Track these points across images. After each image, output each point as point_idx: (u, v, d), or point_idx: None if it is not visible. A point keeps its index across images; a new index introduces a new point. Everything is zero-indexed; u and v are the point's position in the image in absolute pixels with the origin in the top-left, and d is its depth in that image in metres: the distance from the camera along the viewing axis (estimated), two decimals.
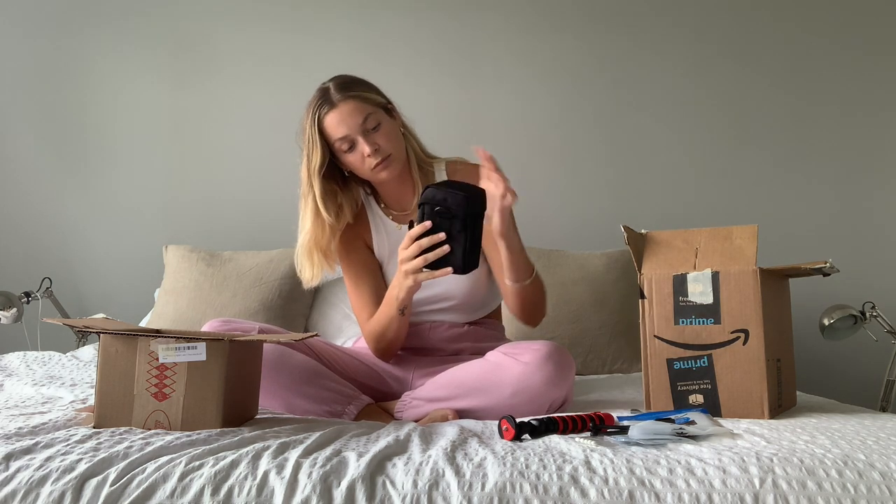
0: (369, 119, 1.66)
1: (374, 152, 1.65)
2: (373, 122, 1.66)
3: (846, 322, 2.40)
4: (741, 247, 1.47)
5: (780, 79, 2.97)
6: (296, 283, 2.58)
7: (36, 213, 3.07)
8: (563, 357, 1.54)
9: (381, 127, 1.68)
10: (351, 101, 1.66)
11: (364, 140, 1.65)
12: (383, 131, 1.68)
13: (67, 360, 2.24)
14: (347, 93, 1.67)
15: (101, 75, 3.07)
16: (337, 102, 1.66)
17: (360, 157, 1.67)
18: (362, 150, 1.66)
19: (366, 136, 1.66)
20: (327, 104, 1.66)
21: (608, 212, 2.89)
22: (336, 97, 1.66)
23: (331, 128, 1.66)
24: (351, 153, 1.68)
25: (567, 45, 2.99)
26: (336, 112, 1.65)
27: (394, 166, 1.69)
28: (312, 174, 1.69)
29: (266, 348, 1.53)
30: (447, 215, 1.42)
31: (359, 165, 1.69)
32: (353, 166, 1.71)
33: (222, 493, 1.01)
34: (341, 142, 1.67)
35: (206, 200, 3.04)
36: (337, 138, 1.66)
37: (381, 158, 1.66)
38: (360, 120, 1.65)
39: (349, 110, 1.65)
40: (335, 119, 1.65)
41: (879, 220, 2.95)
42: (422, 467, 1.06)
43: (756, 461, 1.07)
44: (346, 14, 3.02)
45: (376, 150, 1.66)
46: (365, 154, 1.66)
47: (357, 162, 1.69)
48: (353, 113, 1.65)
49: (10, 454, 1.08)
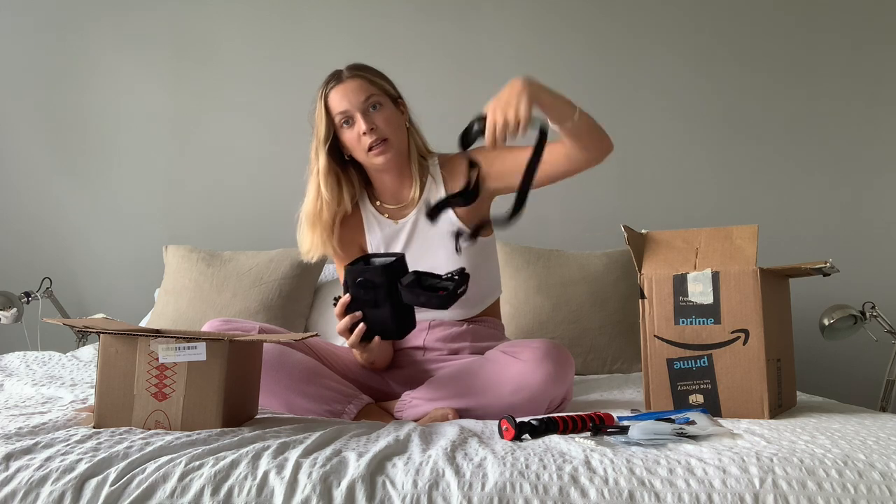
0: (371, 98, 1.71)
1: (370, 131, 1.68)
2: (373, 102, 1.71)
3: (846, 322, 2.40)
4: (741, 247, 1.47)
5: (780, 79, 2.97)
6: (296, 283, 2.59)
7: (36, 213, 3.07)
8: (563, 355, 1.55)
9: (382, 110, 1.71)
10: (357, 79, 1.72)
11: (362, 117, 1.69)
12: (383, 114, 1.71)
13: (67, 360, 2.24)
14: (357, 72, 1.73)
15: (102, 75, 3.07)
16: (344, 79, 1.72)
17: (356, 136, 1.70)
18: (359, 128, 1.69)
19: (364, 114, 1.69)
20: (335, 80, 1.73)
21: (608, 212, 2.89)
22: (345, 74, 1.73)
23: (334, 102, 1.71)
24: (349, 130, 1.71)
25: (567, 45, 2.99)
26: (341, 87, 1.71)
27: (390, 153, 1.71)
28: (318, 147, 1.74)
29: (266, 347, 1.54)
30: (370, 286, 1.47)
31: (354, 144, 1.72)
32: (351, 144, 1.73)
33: (222, 493, 1.01)
34: (341, 116, 1.71)
35: (206, 200, 3.04)
36: (338, 112, 1.70)
37: (376, 138, 1.69)
38: (362, 97, 1.69)
39: (353, 87, 1.70)
40: (339, 93, 1.71)
41: (879, 220, 2.95)
42: (422, 467, 1.06)
43: (756, 461, 1.07)
44: (346, 14, 3.02)
45: (372, 129, 1.68)
46: (360, 132, 1.69)
47: (353, 140, 1.71)
48: (356, 90, 1.70)
49: (10, 454, 1.08)
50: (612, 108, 2.98)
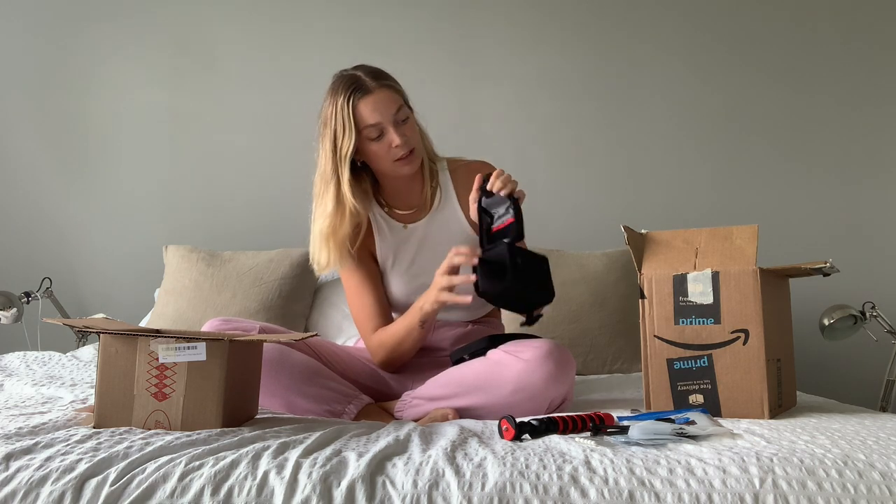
0: (401, 110, 1.67)
1: (403, 143, 1.65)
2: (403, 115, 1.67)
3: (846, 322, 2.40)
4: (741, 247, 1.47)
5: (780, 79, 2.97)
6: (296, 284, 2.59)
7: (36, 213, 3.07)
8: (564, 355, 1.54)
9: (410, 120, 1.70)
10: (386, 89, 1.67)
11: (395, 130, 1.65)
12: (411, 124, 1.70)
13: (67, 360, 2.23)
14: (382, 81, 1.68)
15: (102, 75, 3.07)
16: (372, 89, 1.65)
17: (386, 147, 1.67)
18: (391, 140, 1.66)
19: (396, 127, 1.66)
20: (362, 90, 1.65)
21: (608, 212, 2.89)
22: (371, 84, 1.66)
23: (365, 113, 1.64)
24: (377, 142, 1.67)
25: (567, 45, 2.99)
26: (372, 98, 1.65)
27: (416, 162, 1.70)
28: (342, 159, 1.67)
29: (266, 347, 1.53)
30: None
31: (383, 155, 1.68)
32: (377, 155, 1.69)
33: (222, 493, 1.01)
34: (371, 129, 1.65)
35: (206, 200, 3.04)
36: (368, 124, 1.65)
37: (407, 151, 1.66)
38: (393, 109, 1.66)
39: (385, 98, 1.65)
40: (370, 105, 1.64)
41: (879, 220, 2.95)
42: (422, 467, 1.06)
43: (756, 461, 1.07)
44: (346, 14, 3.02)
45: (405, 141, 1.66)
46: (393, 144, 1.66)
47: (382, 151, 1.67)
48: (387, 101, 1.66)
49: (10, 454, 1.08)
50: (612, 108, 2.99)
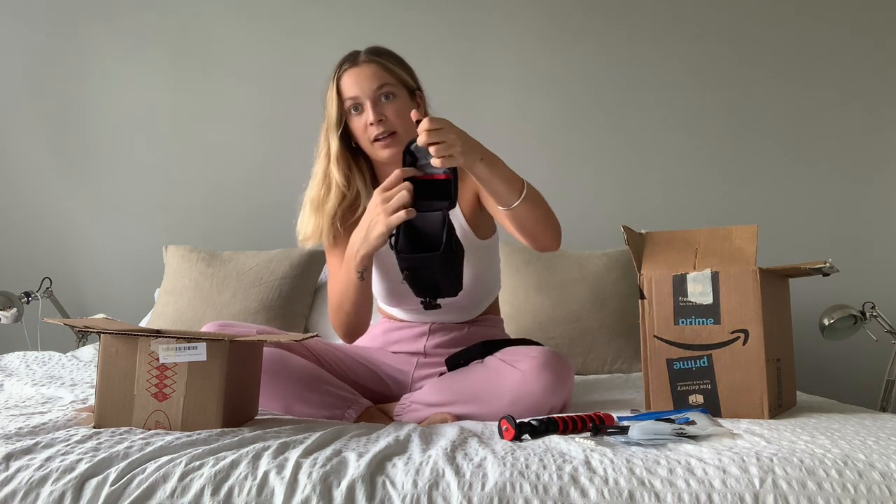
0: (384, 88, 1.62)
1: (378, 122, 1.60)
2: (385, 92, 1.61)
3: (846, 322, 2.40)
4: (741, 247, 1.47)
5: (780, 79, 2.97)
6: (296, 284, 2.59)
7: (36, 213, 3.07)
8: (561, 363, 1.51)
9: (395, 101, 1.62)
10: (373, 64, 1.63)
11: (371, 107, 1.60)
12: (395, 105, 1.62)
13: (67, 360, 2.24)
14: (373, 56, 1.65)
15: (102, 75, 3.07)
16: (360, 63, 1.63)
17: (363, 125, 1.63)
18: (367, 117, 1.62)
19: (374, 104, 1.61)
20: (350, 62, 1.64)
21: (608, 212, 2.89)
22: (361, 58, 1.64)
23: (345, 86, 1.62)
24: (358, 118, 1.64)
25: (567, 45, 2.99)
26: (354, 70, 1.62)
27: (396, 148, 1.60)
28: (329, 130, 1.66)
29: (265, 355, 1.52)
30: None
31: (360, 133, 1.64)
32: (357, 133, 1.65)
33: (222, 493, 1.01)
34: (351, 102, 1.62)
35: (206, 200, 3.04)
36: (348, 97, 1.62)
37: (383, 131, 1.61)
38: (374, 85, 1.61)
39: (367, 73, 1.62)
40: (351, 78, 1.62)
41: (880, 220, 2.95)
42: (422, 467, 1.06)
43: (756, 461, 1.07)
44: (346, 14, 3.02)
45: (381, 120, 1.60)
46: (368, 122, 1.61)
47: (359, 129, 1.64)
48: (369, 76, 1.61)
49: (10, 454, 1.08)
50: (612, 108, 2.99)
